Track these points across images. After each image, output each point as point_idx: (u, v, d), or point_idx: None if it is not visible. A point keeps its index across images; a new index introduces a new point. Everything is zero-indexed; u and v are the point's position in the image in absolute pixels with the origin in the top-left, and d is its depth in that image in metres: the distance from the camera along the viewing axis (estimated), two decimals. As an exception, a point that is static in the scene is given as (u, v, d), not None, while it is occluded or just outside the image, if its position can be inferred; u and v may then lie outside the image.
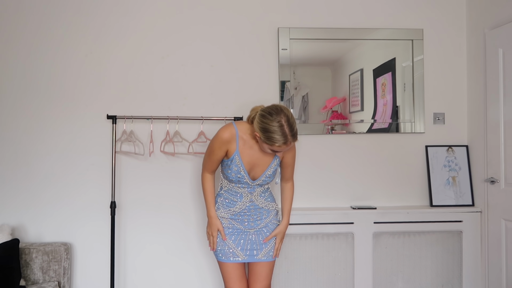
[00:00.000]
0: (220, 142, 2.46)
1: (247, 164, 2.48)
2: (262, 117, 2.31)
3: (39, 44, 3.08)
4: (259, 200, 2.59)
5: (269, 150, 2.38)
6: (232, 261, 2.55)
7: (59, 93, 3.09)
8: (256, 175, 2.53)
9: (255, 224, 2.58)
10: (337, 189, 3.27)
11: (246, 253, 2.55)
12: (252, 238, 2.57)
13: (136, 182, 3.13)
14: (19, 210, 3.05)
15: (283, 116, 2.27)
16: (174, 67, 3.17)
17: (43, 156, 3.07)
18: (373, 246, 3.13)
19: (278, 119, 2.26)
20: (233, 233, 2.57)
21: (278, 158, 2.55)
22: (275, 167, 2.57)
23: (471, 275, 3.18)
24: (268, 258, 2.59)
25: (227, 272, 2.56)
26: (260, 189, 2.59)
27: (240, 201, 2.56)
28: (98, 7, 3.12)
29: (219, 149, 2.48)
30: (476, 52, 3.24)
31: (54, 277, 2.90)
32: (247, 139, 2.47)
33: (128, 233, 3.12)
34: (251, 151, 2.49)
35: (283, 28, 3.20)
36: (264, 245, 2.58)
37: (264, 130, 2.29)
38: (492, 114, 3.06)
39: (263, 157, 2.51)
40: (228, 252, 2.54)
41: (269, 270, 2.61)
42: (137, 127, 3.12)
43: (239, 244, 2.55)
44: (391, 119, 3.27)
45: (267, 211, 2.62)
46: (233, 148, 2.46)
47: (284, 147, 2.31)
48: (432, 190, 3.24)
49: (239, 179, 2.51)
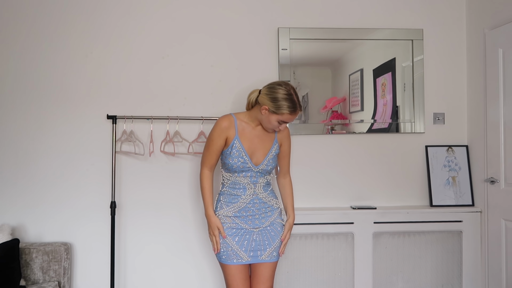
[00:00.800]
0: (219, 130, 2.50)
1: (248, 149, 2.51)
2: (270, 89, 2.45)
3: (39, 44, 3.08)
4: (262, 194, 2.56)
5: (275, 123, 2.45)
6: (235, 263, 2.49)
7: (59, 94, 3.09)
8: (258, 160, 2.53)
9: (260, 223, 2.54)
10: (337, 189, 3.27)
11: (250, 254, 2.51)
12: (256, 239, 2.53)
13: (136, 182, 3.13)
14: (19, 210, 3.05)
15: (291, 87, 2.45)
16: (174, 67, 3.17)
17: (43, 156, 3.07)
18: (373, 246, 3.13)
19: (288, 89, 2.43)
20: (237, 234, 2.52)
21: (277, 144, 2.59)
22: (276, 152, 2.58)
23: (471, 275, 3.18)
24: (271, 258, 2.55)
25: (230, 275, 2.50)
26: (262, 181, 2.57)
27: (243, 194, 2.53)
28: (98, 7, 3.12)
29: (219, 137, 2.50)
30: (476, 52, 3.24)
31: (54, 277, 2.91)
32: (245, 125, 2.55)
33: (128, 233, 3.13)
34: (251, 136, 2.53)
35: (283, 28, 3.21)
36: (268, 245, 2.54)
37: (273, 100, 2.40)
38: (492, 114, 3.06)
39: (263, 141, 2.55)
40: (231, 253, 2.50)
41: (272, 271, 2.58)
42: (137, 127, 3.12)
43: (243, 245, 2.50)
44: (391, 119, 3.27)
45: (271, 207, 2.59)
46: (232, 134, 2.50)
47: (293, 116, 2.43)
48: (432, 190, 3.24)
49: (242, 165, 2.49)
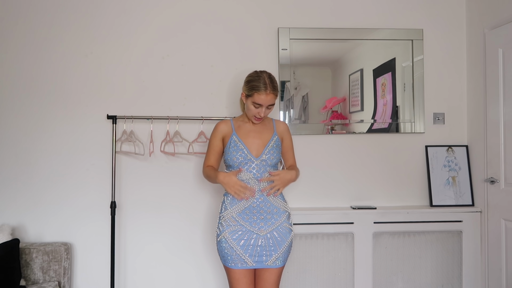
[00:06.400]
0: (216, 132, 2.62)
1: (245, 141, 2.55)
2: (247, 76, 2.59)
3: (39, 45, 3.08)
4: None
5: (252, 107, 2.50)
6: (239, 267, 2.47)
7: (59, 94, 3.09)
8: (258, 151, 2.54)
9: (266, 225, 2.50)
10: (337, 189, 3.27)
11: (255, 259, 2.48)
12: (262, 244, 2.49)
13: (136, 182, 3.13)
14: (20, 210, 3.05)
15: (265, 72, 2.57)
16: (174, 67, 3.17)
17: (43, 156, 3.08)
18: (373, 246, 3.13)
19: (261, 73, 2.55)
20: (242, 238, 2.48)
21: (277, 136, 2.61)
22: (276, 143, 2.58)
23: (471, 275, 3.18)
24: (277, 264, 2.51)
25: (235, 279, 2.48)
26: (267, 176, 2.52)
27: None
28: (98, 8, 3.12)
29: (215, 138, 2.61)
30: (476, 52, 3.24)
31: (54, 277, 2.91)
32: (242, 123, 2.63)
33: (128, 233, 3.13)
34: (247, 130, 2.60)
35: (283, 28, 3.21)
36: (273, 251, 2.50)
37: (247, 83, 2.55)
38: (492, 114, 3.06)
39: (260, 133, 2.59)
40: (235, 258, 2.47)
41: (277, 277, 2.54)
42: (137, 127, 3.12)
43: (247, 250, 2.47)
44: (391, 119, 3.27)
45: (278, 210, 2.53)
46: (229, 132, 2.59)
47: (265, 97, 2.47)
48: (432, 190, 3.24)
49: (242, 157, 2.49)
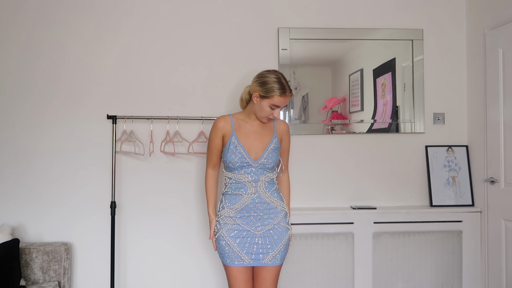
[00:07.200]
0: (215, 129, 2.58)
1: (245, 144, 2.53)
2: (259, 76, 2.52)
3: (39, 44, 3.08)
4: (265, 194, 2.53)
5: (268, 109, 2.47)
6: (237, 265, 2.48)
7: (59, 93, 3.09)
8: (257, 155, 2.53)
9: (262, 225, 2.51)
10: (337, 189, 3.27)
11: (252, 257, 2.48)
12: (258, 242, 2.50)
13: (136, 182, 3.13)
14: (19, 210, 3.05)
15: (279, 73, 2.52)
16: (174, 67, 3.17)
17: (43, 156, 3.07)
18: (373, 246, 3.13)
19: (276, 73, 2.50)
20: (238, 236, 2.50)
21: (277, 138, 2.59)
22: (275, 146, 2.57)
23: (471, 275, 3.18)
24: (274, 262, 2.51)
25: (233, 276, 2.50)
26: (264, 179, 2.53)
27: (244, 193, 2.51)
28: (98, 7, 3.12)
29: (215, 136, 2.58)
30: (476, 52, 3.24)
31: (54, 277, 2.91)
32: (242, 122, 2.59)
33: (128, 233, 3.13)
34: (248, 132, 2.56)
35: (283, 28, 3.21)
36: (270, 249, 2.50)
37: (262, 84, 2.47)
38: (492, 114, 3.06)
39: (260, 136, 2.57)
40: (233, 255, 2.48)
41: (275, 275, 2.55)
42: (137, 127, 3.12)
43: (244, 248, 2.48)
44: (391, 119, 3.27)
45: (275, 210, 2.55)
46: (229, 131, 2.55)
47: (283, 99, 2.45)
48: (432, 190, 3.24)
49: (241, 161, 2.49)
